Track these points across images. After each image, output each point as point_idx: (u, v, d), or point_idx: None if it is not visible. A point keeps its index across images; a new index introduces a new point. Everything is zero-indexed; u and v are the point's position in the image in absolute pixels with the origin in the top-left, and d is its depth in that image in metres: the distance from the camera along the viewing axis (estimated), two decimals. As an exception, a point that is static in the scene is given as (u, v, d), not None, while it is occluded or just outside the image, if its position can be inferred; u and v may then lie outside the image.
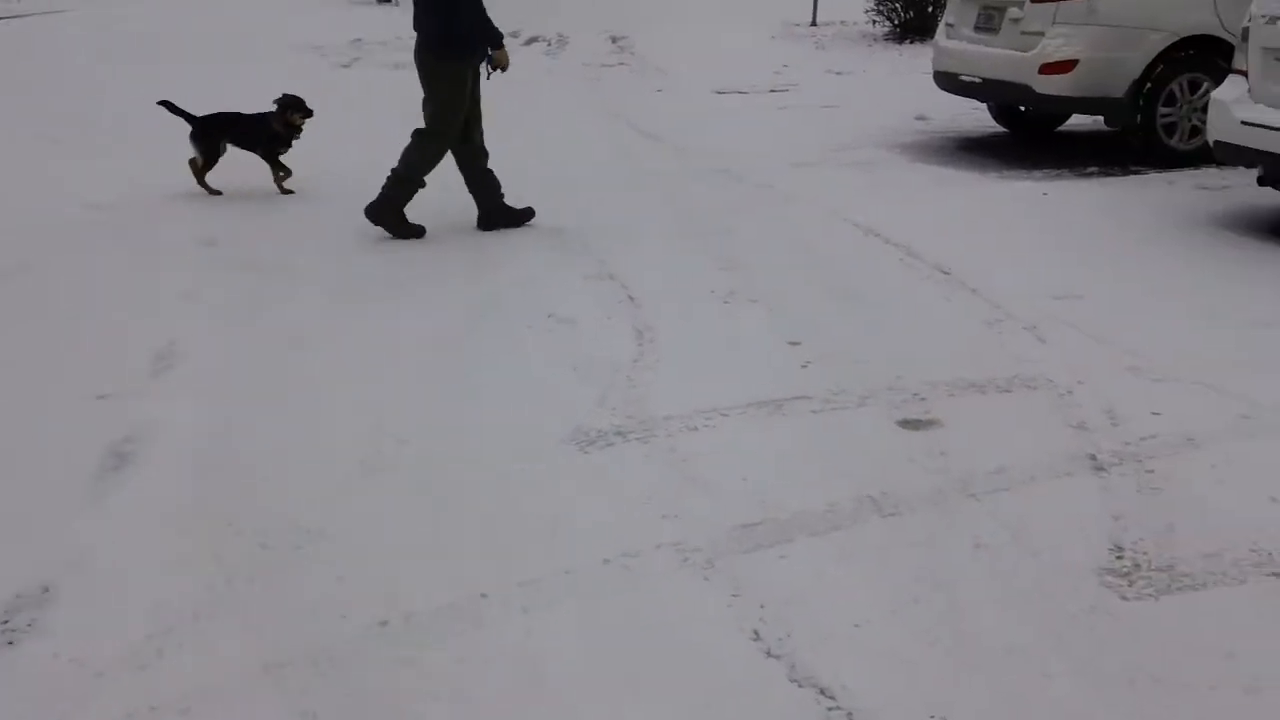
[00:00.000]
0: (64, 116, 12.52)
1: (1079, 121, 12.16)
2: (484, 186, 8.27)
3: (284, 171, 9.17)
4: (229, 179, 9.23)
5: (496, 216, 8.29)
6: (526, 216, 8.39)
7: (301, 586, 3.90)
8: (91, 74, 15.09)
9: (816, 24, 21.59)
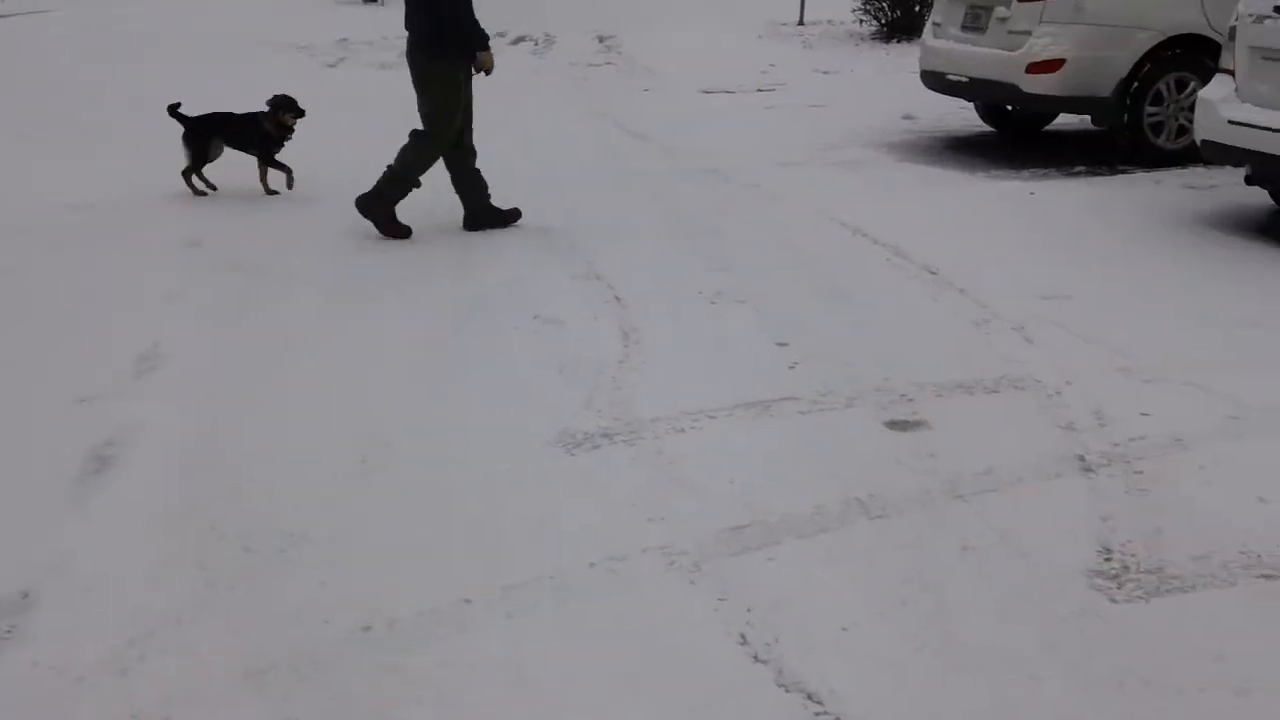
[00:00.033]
0: (48, 117, 12.46)
1: (1066, 121, 12.16)
2: (471, 186, 8.24)
3: (285, 171, 9.08)
4: (215, 180, 9.18)
5: (483, 217, 8.26)
6: (513, 217, 8.36)
7: (284, 591, 3.88)
8: (76, 74, 15.04)
9: (804, 23, 21.58)
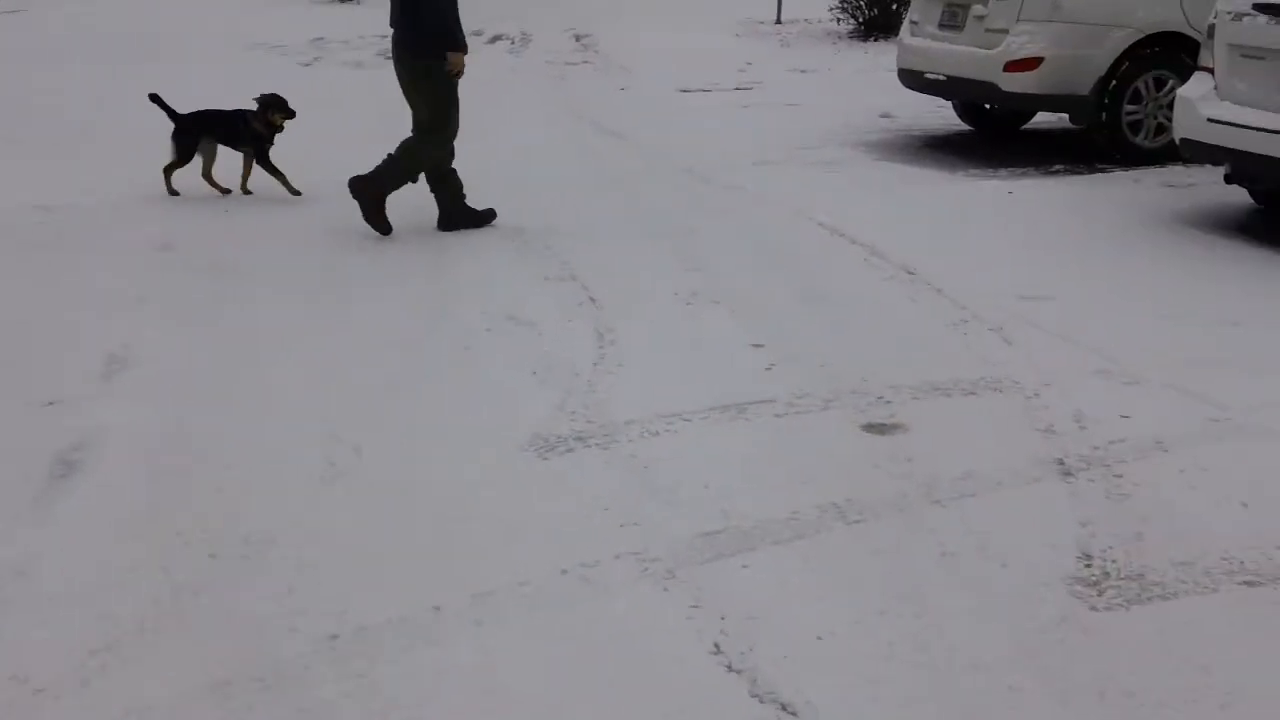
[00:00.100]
0: (18, 116, 12.33)
1: (1044, 119, 12.13)
2: (446, 186, 8.17)
3: (279, 177, 8.98)
4: (187, 182, 9.08)
5: (458, 217, 8.18)
6: (488, 218, 8.29)
7: (250, 598, 3.81)
8: (48, 74, 14.90)
9: (781, 22, 21.53)
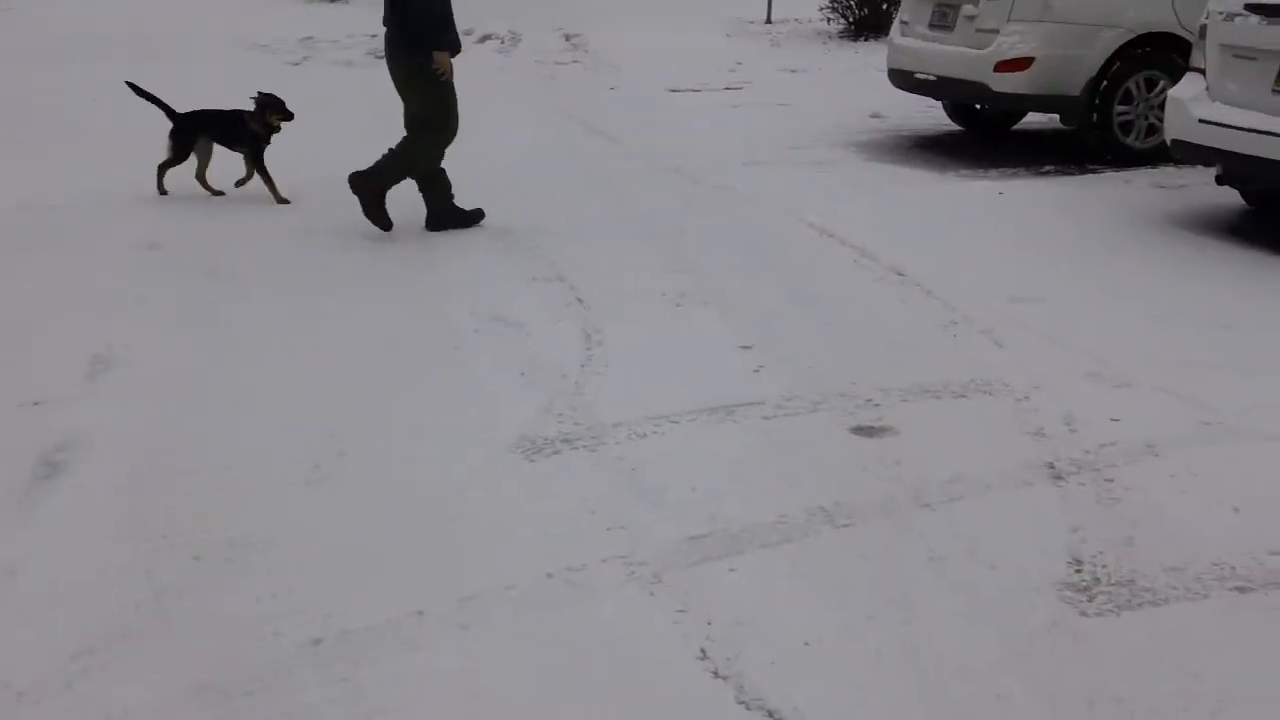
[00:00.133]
0: (3, 115, 12.27)
1: (1035, 120, 12.11)
2: (435, 186, 8.14)
3: (244, 176, 8.95)
4: (179, 181, 9.02)
5: (446, 217, 8.15)
6: (476, 218, 8.26)
7: (234, 602, 3.77)
8: (32, 73, 14.81)
9: (771, 21, 21.51)
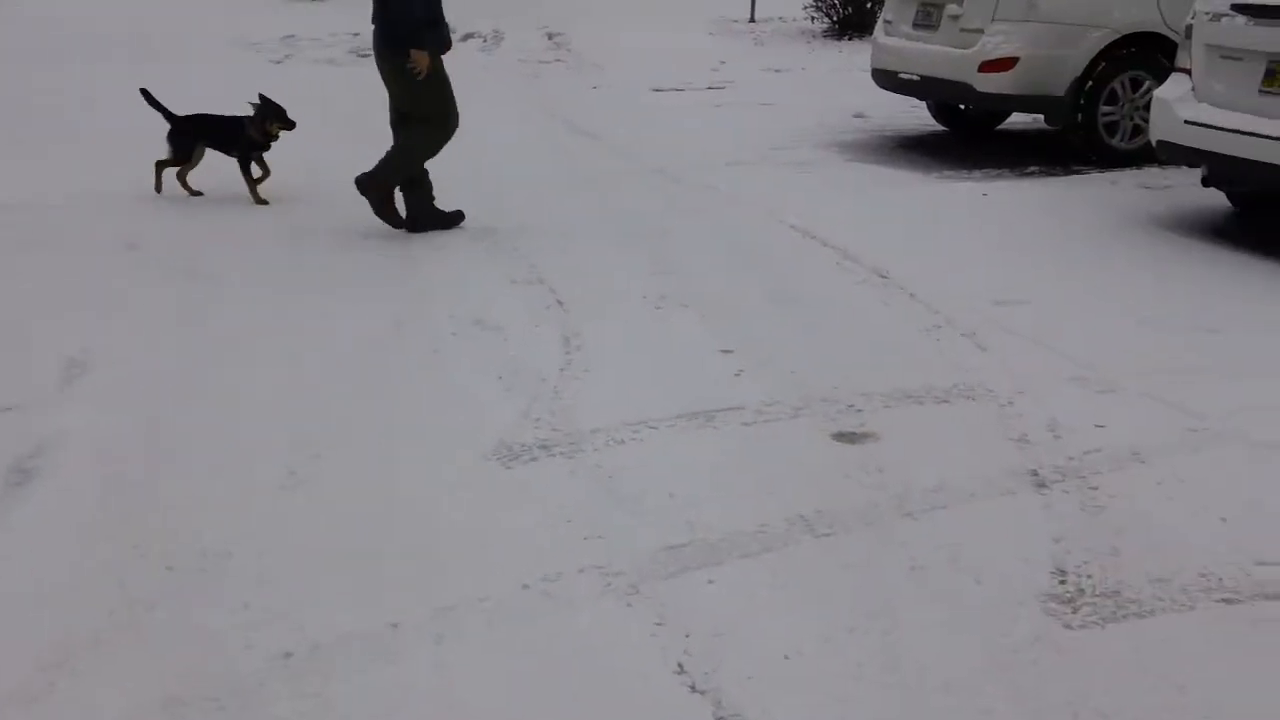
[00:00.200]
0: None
1: (1019, 120, 12.07)
2: (418, 187, 8.07)
3: (260, 174, 8.85)
4: (166, 182, 8.95)
5: (426, 219, 8.07)
6: (456, 219, 8.19)
7: (206, 612, 3.70)
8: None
9: (755, 20, 21.49)
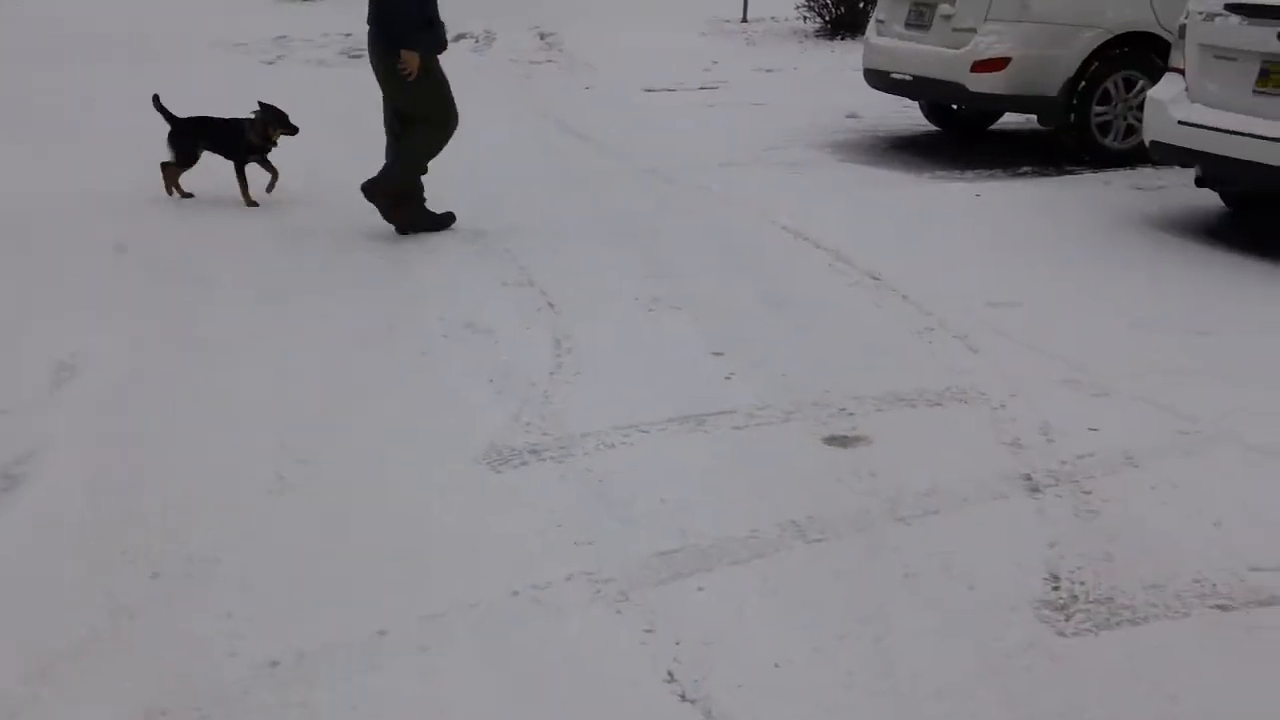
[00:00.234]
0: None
1: (1012, 120, 12.04)
2: (411, 189, 8.03)
3: (269, 177, 8.82)
4: (153, 181, 8.89)
5: (417, 220, 8.03)
6: (447, 221, 8.14)
7: (190, 621, 3.67)
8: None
9: (747, 20, 21.45)
